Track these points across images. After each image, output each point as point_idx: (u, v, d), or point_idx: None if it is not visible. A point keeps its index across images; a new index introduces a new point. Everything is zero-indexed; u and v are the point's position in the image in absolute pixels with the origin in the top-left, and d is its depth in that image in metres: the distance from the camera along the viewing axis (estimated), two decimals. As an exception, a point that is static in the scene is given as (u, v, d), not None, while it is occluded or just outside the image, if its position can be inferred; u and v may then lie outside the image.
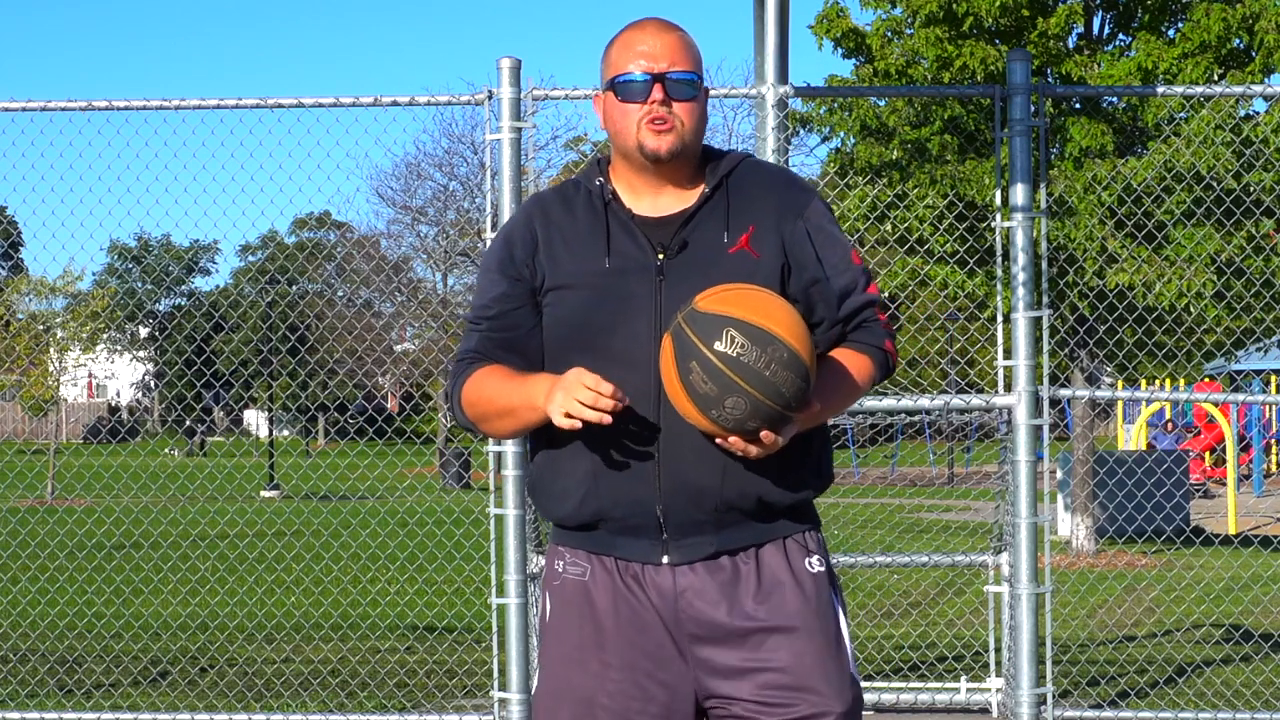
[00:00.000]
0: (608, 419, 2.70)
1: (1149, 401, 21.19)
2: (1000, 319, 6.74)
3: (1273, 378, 28.36)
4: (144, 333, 57.03)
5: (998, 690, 6.83)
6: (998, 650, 6.92)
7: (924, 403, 6.60)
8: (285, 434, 49.96)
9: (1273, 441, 28.21)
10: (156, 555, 14.53)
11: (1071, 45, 13.99)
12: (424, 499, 22.56)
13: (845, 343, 2.95)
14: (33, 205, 16.44)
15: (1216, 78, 13.02)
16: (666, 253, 2.88)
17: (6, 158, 7.18)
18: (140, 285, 58.52)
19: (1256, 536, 16.13)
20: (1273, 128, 11.99)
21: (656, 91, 2.86)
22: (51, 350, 26.19)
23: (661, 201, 2.93)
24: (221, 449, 43.25)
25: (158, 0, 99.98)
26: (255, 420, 49.52)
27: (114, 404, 57.51)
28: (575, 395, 2.71)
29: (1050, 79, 13.60)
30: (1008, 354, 6.52)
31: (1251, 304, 12.96)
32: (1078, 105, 13.61)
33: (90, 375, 41.33)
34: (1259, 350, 16.32)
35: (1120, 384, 21.62)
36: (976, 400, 6.64)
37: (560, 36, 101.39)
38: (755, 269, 2.86)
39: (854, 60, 14.16)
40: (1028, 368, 6.32)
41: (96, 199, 13.28)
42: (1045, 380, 6.51)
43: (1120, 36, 14.20)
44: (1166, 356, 14.38)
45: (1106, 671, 8.13)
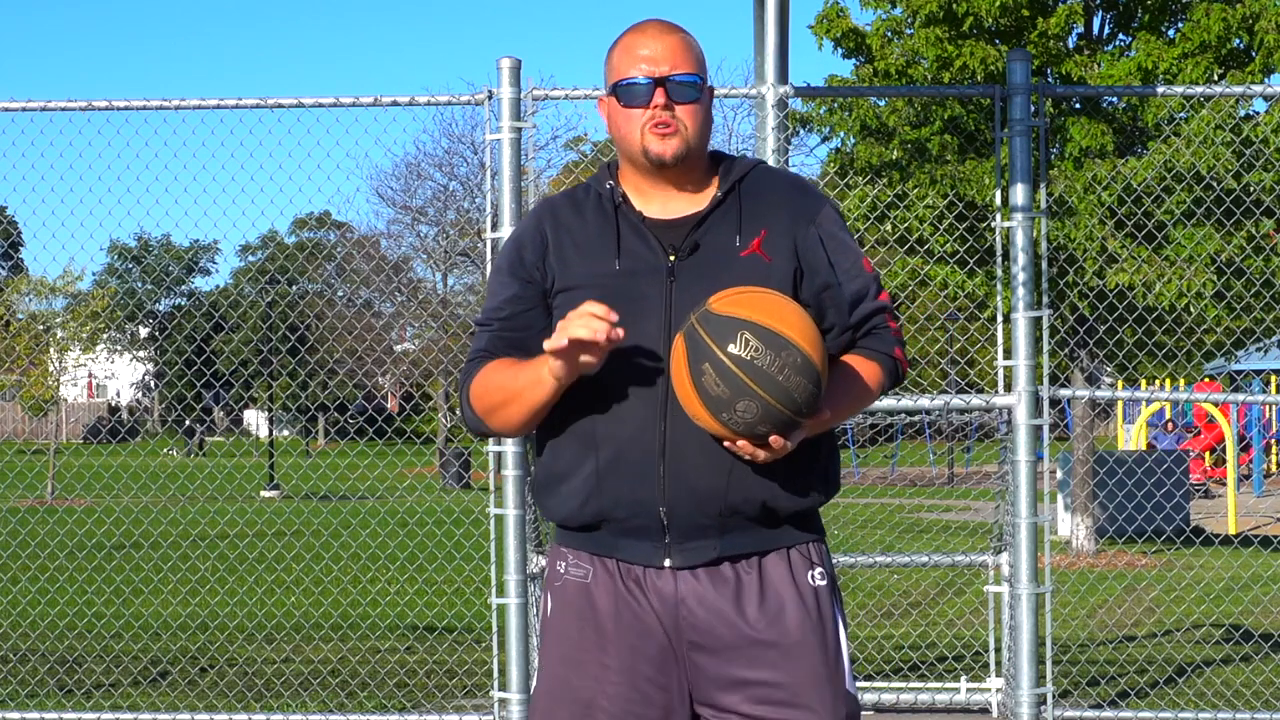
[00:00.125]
0: (601, 337, 2.66)
1: (1149, 401, 21.19)
2: (1000, 319, 6.74)
3: (1273, 378, 28.36)
4: (144, 333, 57.05)
5: (998, 690, 6.83)
6: (998, 650, 6.92)
7: (924, 403, 6.60)
8: (285, 434, 49.96)
9: (1273, 441, 28.21)
10: (156, 555, 14.53)
11: (1071, 45, 13.99)
12: (424, 499, 22.56)
13: (856, 349, 2.94)
14: (33, 205, 16.47)
15: (1216, 78, 13.02)
16: (678, 254, 2.86)
17: (6, 158, 7.19)
18: (140, 285, 58.54)
19: (1256, 536, 16.13)
20: (1273, 128, 11.99)
21: (659, 95, 2.84)
22: (51, 350, 26.19)
23: (672, 204, 2.91)
24: (221, 449, 43.25)
25: (158, 0, 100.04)
26: (255, 420, 49.53)
27: (114, 404, 57.52)
28: (574, 318, 2.69)
29: (1050, 79, 13.60)
30: (1008, 354, 6.52)
31: (1251, 304, 12.96)
32: (1078, 105, 13.61)
33: (90, 375, 41.33)
34: (1259, 350, 16.32)
35: (1120, 384, 21.62)
36: (976, 400, 6.64)
37: (560, 36, 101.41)
38: (767, 273, 2.84)
39: (854, 60, 14.16)
40: (1028, 368, 6.32)
41: (96, 199, 13.30)
42: (1045, 380, 6.51)
43: (1120, 36, 14.20)
44: (1166, 356, 14.38)
45: (1106, 671, 8.13)
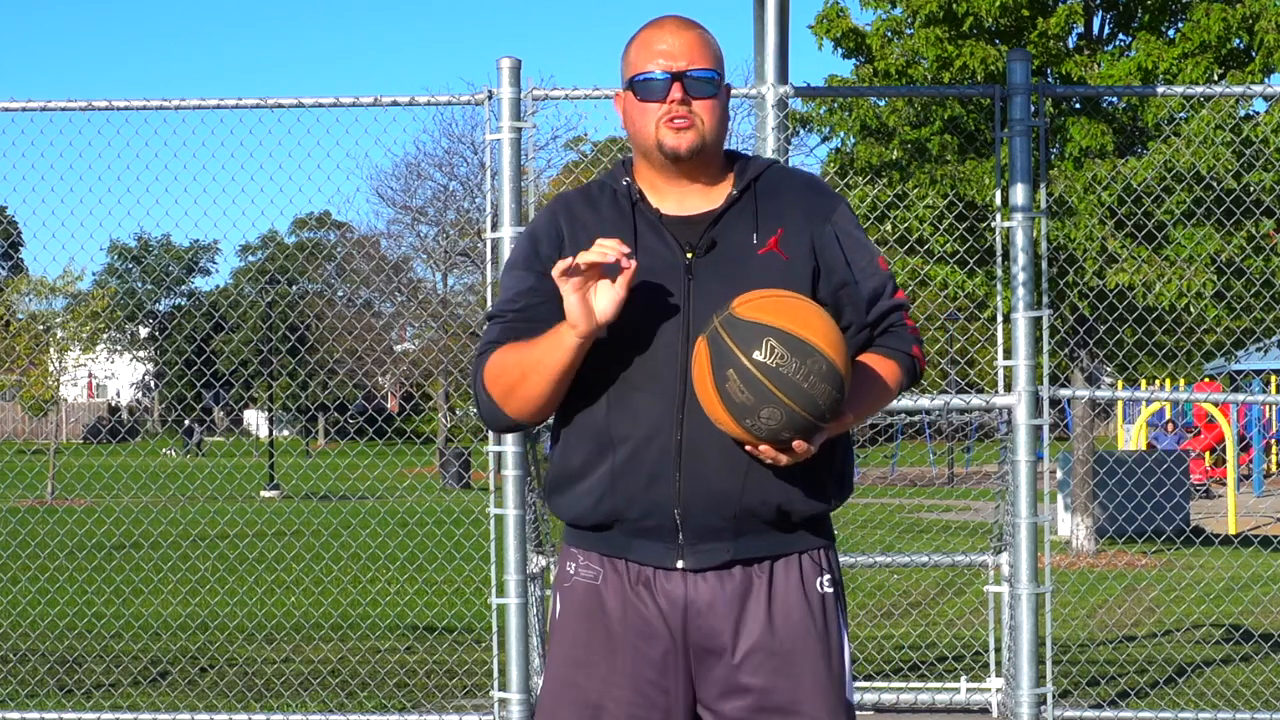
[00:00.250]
0: (612, 258, 2.68)
1: (1149, 401, 21.19)
2: (1000, 319, 6.74)
3: (1273, 378, 28.36)
4: (144, 333, 57.06)
5: (998, 690, 6.83)
6: (998, 650, 6.92)
7: (924, 403, 6.60)
8: (285, 434, 49.96)
9: (1273, 441, 28.22)
10: (156, 555, 14.53)
11: (1071, 45, 13.99)
12: (424, 499, 22.55)
13: (874, 347, 2.92)
14: (33, 205, 16.47)
15: (1216, 78, 13.02)
16: (695, 252, 2.84)
17: (6, 158, 7.19)
18: (140, 285, 58.56)
19: (1256, 536, 16.13)
20: (1273, 128, 11.99)
21: (675, 90, 2.83)
22: (51, 350, 26.19)
23: (687, 201, 2.90)
24: (221, 449, 43.24)
25: (158, 0, 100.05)
26: (255, 420, 49.54)
27: (114, 404, 57.53)
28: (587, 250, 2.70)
29: (1050, 79, 13.59)
30: (1008, 354, 6.52)
31: (1251, 304, 12.96)
32: (1078, 105, 13.61)
33: (90, 375, 41.33)
34: (1259, 350, 16.32)
35: (1120, 384, 21.62)
36: (976, 400, 6.64)
37: (560, 36, 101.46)
38: (785, 270, 2.83)
39: (854, 60, 14.16)
40: (1028, 368, 6.32)
41: (96, 199, 13.29)
42: (1045, 380, 6.51)
43: (1120, 36, 14.20)
44: (1166, 356, 14.38)
45: (1106, 671, 8.13)
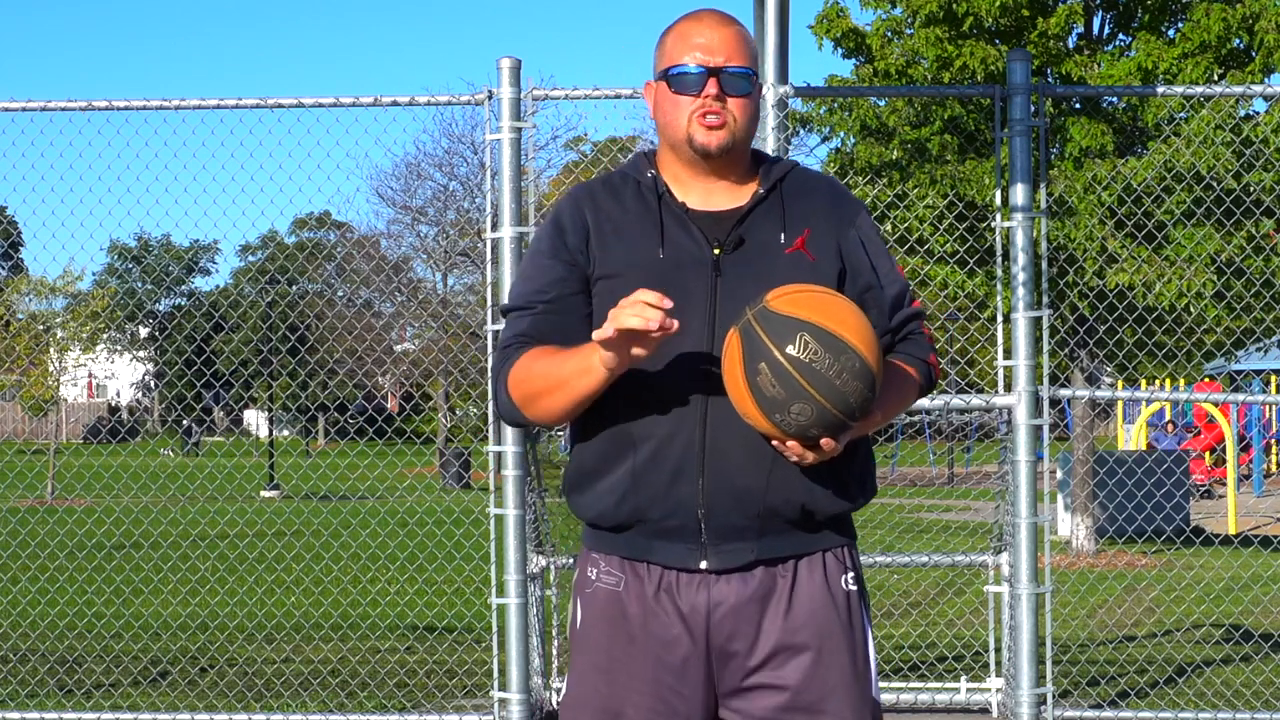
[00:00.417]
0: (654, 327, 2.55)
1: (1149, 401, 21.19)
2: (1000, 319, 6.74)
3: (1273, 378, 28.37)
4: (144, 333, 57.06)
5: (998, 690, 6.83)
6: (998, 650, 6.92)
7: (924, 403, 6.59)
8: (285, 434, 49.96)
9: (1273, 441, 28.22)
10: (156, 555, 14.53)
11: (1071, 45, 13.99)
12: (424, 499, 22.55)
13: (894, 353, 2.91)
14: (33, 205, 16.45)
15: (1216, 78, 13.02)
16: (723, 248, 2.81)
17: (6, 158, 7.19)
18: (140, 285, 58.56)
19: (1256, 536, 16.14)
20: (1273, 128, 11.99)
21: (711, 86, 2.81)
22: (51, 350, 26.19)
23: (712, 197, 2.87)
24: (221, 449, 43.23)
25: (158, 0, 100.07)
26: (255, 420, 49.54)
27: (114, 404, 57.53)
28: (626, 306, 2.58)
29: (1050, 79, 13.60)
30: (1008, 354, 6.52)
31: (1251, 304, 12.96)
32: (1078, 105, 13.61)
33: (90, 375, 41.34)
34: (1259, 350, 16.32)
35: (1120, 384, 21.62)
36: (976, 400, 6.64)
37: (560, 36, 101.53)
38: (811, 271, 2.80)
39: (854, 60, 14.16)
40: (1028, 368, 6.32)
41: (96, 199, 13.28)
42: (1045, 380, 6.51)
43: (1120, 36, 14.20)
44: (1166, 356, 14.37)
45: (1106, 671, 8.13)
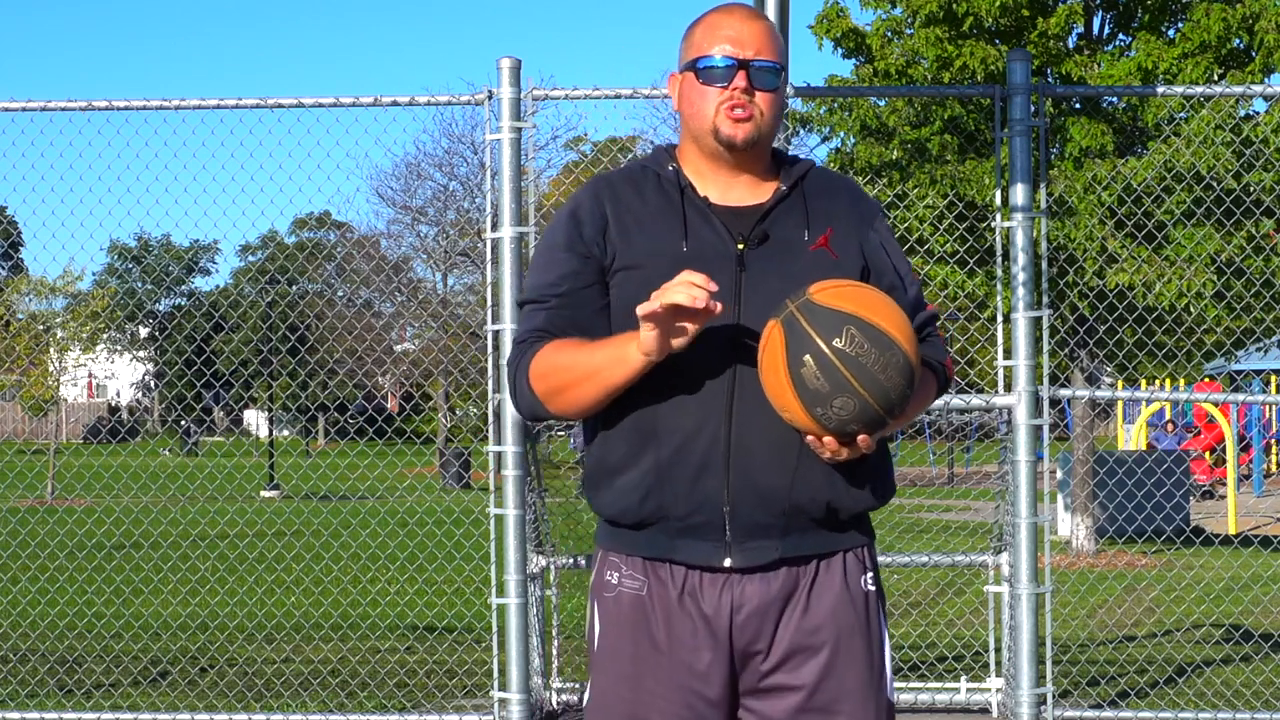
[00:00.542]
0: (701, 304, 2.54)
1: (1149, 401, 21.19)
2: (1000, 319, 6.74)
3: (1273, 378, 28.37)
4: (144, 333, 57.07)
5: (998, 690, 6.84)
6: (998, 650, 6.92)
7: (924, 403, 6.58)
8: (285, 434, 49.97)
9: (1273, 441, 28.22)
10: (156, 555, 14.53)
11: (1071, 45, 13.99)
12: (424, 499, 22.55)
13: None
14: (33, 205, 16.45)
15: (1216, 78, 13.02)
16: (747, 243, 2.79)
17: (6, 158, 7.19)
18: (140, 285, 58.57)
19: (1256, 536, 16.14)
20: (1273, 128, 11.99)
21: (740, 78, 2.78)
22: (51, 350, 26.19)
23: (733, 192, 2.85)
24: (221, 449, 43.23)
25: (158, 0, 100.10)
26: (255, 420, 49.54)
27: (114, 404, 57.54)
28: (672, 285, 2.56)
29: (1050, 79, 13.60)
30: (1008, 354, 6.52)
31: (1251, 304, 12.96)
32: (1078, 105, 13.61)
33: (90, 375, 41.34)
34: (1259, 350, 16.32)
35: (1120, 384, 21.62)
36: (976, 400, 6.64)
37: (560, 36, 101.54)
38: (834, 269, 2.78)
39: (854, 60, 14.16)
40: (1028, 368, 6.32)
41: (96, 199, 13.28)
42: (1045, 380, 6.51)
43: (1120, 36, 14.20)
44: (1166, 356, 14.38)
45: (1106, 671, 8.13)
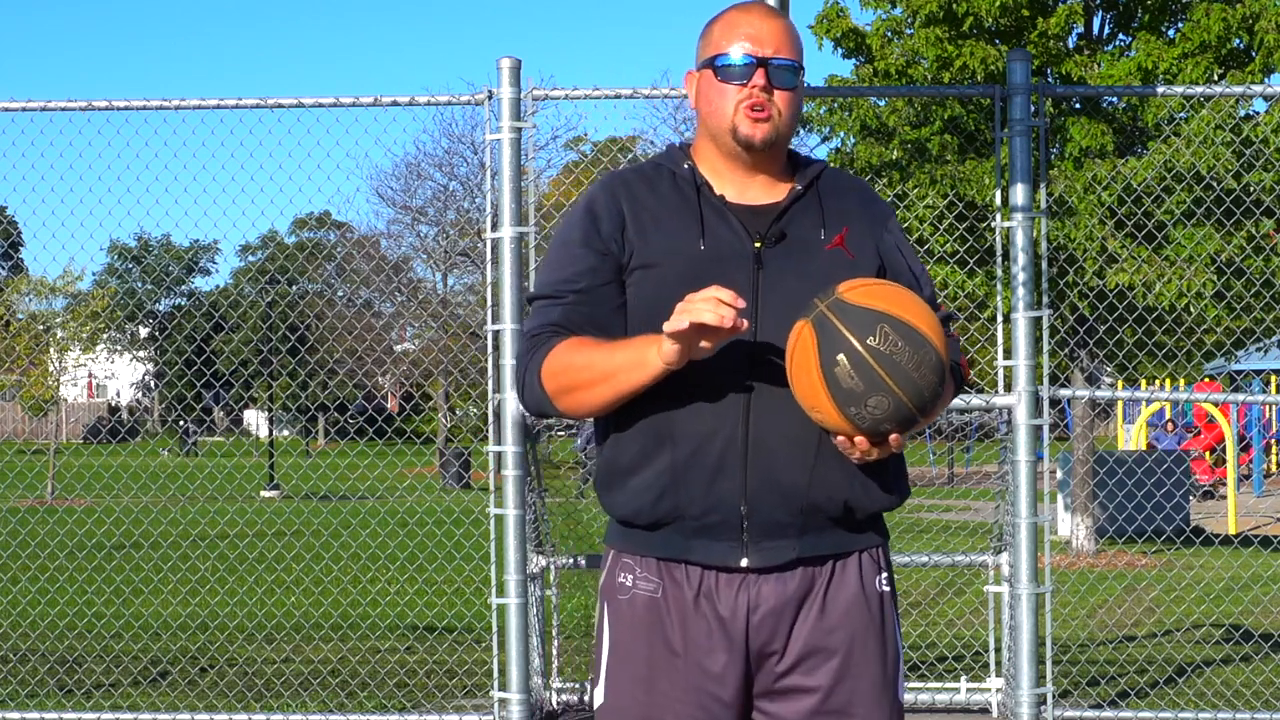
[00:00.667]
0: (728, 324, 2.51)
1: (1149, 401, 21.19)
2: (1000, 319, 6.74)
3: (1273, 378, 28.37)
4: (144, 333, 57.08)
5: (998, 690, 6.83)
6: (998, 650, 6.92)
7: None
8: (285, 434, 49.97)
9: (1273, 441, 28.22)
10: (156, 555, 14.53)
11: (1071, 45, 14.00)
12: (424, 499, 22.55)
13: None
14: (33, 205, 16.45)
15: (1216, 78, 13.02)
16: (764, 242, 2.77)
17: (6, 158, 7.19)
18: (140, 285, 58.58)
19: (1256, 536, 16.14)
20: (1273, 128, 11.99)
21: (759, 77, 2.76)
22: (51, 350, 26.20)
23: (748, 191, 2.83)
24: (221, 449, 43.22)
25: (158, 0, 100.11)
26: (255, 420, 49.55)
27: (114, 404, 57.55)
28: (699, 300, 2.53)
29: (1050, 79, 13.60)
30: (1008, 354, 6.51)
31: (1251, 304, 12.96)
32: (1078, 105, 13.61)
33: (90, 375, 41.35)
34: (1259, 350, 16.32)
35: (1120, 384, 21.62)
36: (976, 400, 6.64)
37: (560, 36, 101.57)
38: (851, 268, 2.76)
39: (854, 60, 14.17)
40: (1028, 368, 6.32)
41: (96, 199, 13.30)
42: (1045, 380, 6.51)
43: (1120, 36, 14.21)
44: (1166, 356, 14.38)
45: (1106, 671, 8.12)
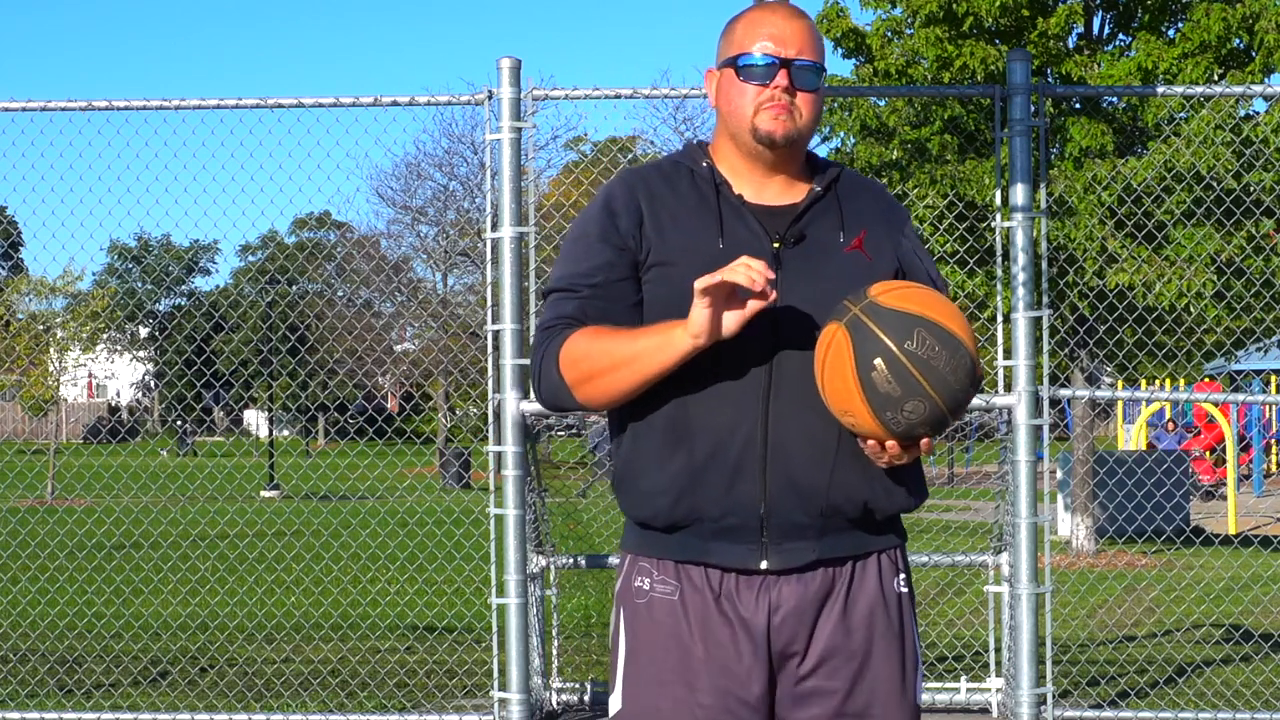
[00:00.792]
0: (759, 286, 2.51)
1: (1149, 401, 21.19)
2: (1000, 319, 6.74)
3: (1273, 378, 28.37)
4: (144, 333, 57.08)
5: (998, 690, 6.83)
6: (998, 650, 6.92)
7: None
8: (285, 434, 49.97)
9: (1273, 441, 28.22)
10: (156, 555, 14.53)
11: (1071, 45, 13.99)
12: (424, 499, 22.55)
13: None
14: (33, 205, 16.45)
15: (1216, 78, 13.02)
16: (783, 242, 2.76)
17: (6, 158, 7.19)
18: (140, 285, 58.58)
19: (1256, 536, 16.14)
20: (1273, 128, 11.99)
21: (781, 77, 2.75)
22: (51, 350, 26.20)
23: (766, 191, 2.81)
24: (221, 449, 43.22)
25: (158, 0, 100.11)
26: (255, 420, 49.55)
27: (114, 404, 57.55)
28: (732, 265, 2.53)
29: (1050, 79, 13.60)
30: (1008, 354, 6.52)
31: (1251, 304, 12.96)
32: (1078, 105, 13.61)
33: (90, 375, 41.35)
34: (1259, 350, 16.32)
35: (1120, 384, 21.62)
36: (976, 400, 6.64)
37: (560, 36, 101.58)
38: (869, 271, 2.75)
39: (854, 60, 14.17)
40: (1028, 368, 6.32)
41: (96, 199, 13.29)
42: (1045, 380, 6.51)
43: (1120, 36, 14.20)
44: (1166, 356, 14.37)
45: (1106, 671, 8.13)
